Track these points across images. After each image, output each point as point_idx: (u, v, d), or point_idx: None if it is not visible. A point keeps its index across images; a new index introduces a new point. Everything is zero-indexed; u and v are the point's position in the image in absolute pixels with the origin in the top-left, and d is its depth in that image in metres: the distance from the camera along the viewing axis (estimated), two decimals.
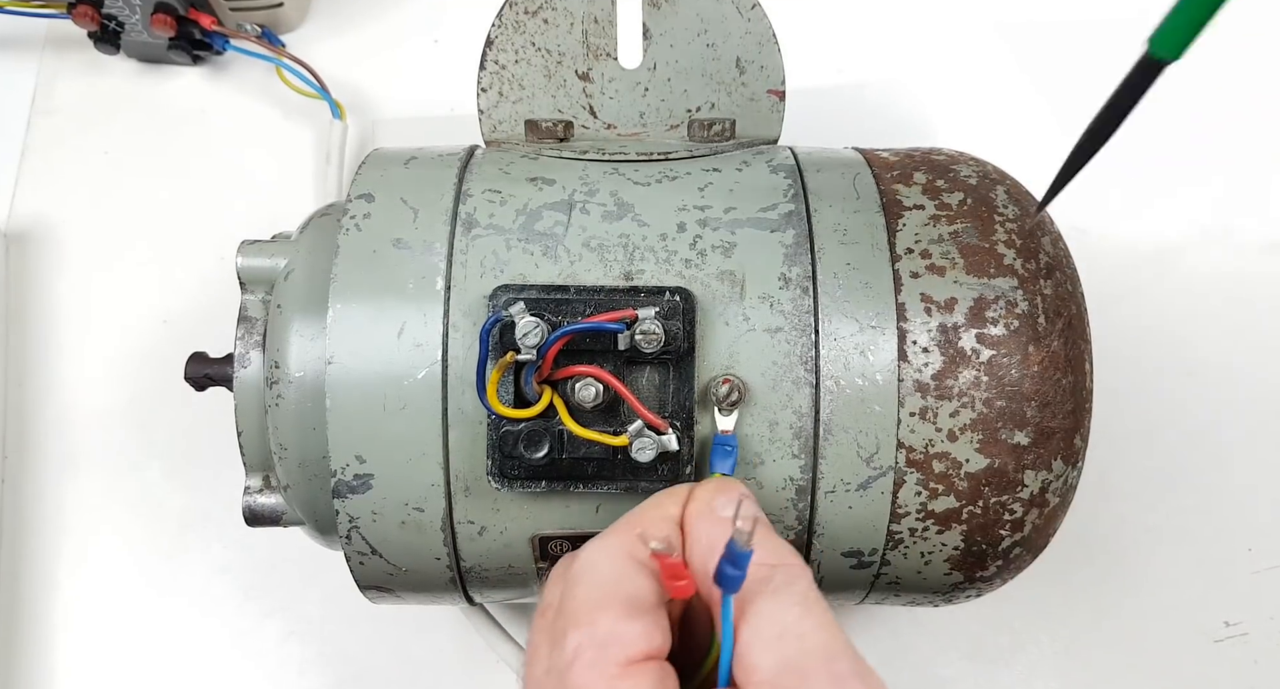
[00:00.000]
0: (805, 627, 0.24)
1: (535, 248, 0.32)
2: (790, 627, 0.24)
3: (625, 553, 0.26)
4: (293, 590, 0.48)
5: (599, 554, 0.26)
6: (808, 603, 0.24)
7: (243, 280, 0.35)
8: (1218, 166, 0.55)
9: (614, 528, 0.27)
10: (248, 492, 0.36)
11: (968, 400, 0.31)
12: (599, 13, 0.38)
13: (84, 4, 0.51)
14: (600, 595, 0.24)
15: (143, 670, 0.48)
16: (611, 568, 0.25)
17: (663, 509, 0.27)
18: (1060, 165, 0.25)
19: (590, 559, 0.26)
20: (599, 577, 0.25)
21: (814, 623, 0.24)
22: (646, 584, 0.25)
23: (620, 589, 0.25)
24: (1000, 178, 0.35)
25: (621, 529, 0.27)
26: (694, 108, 0.38)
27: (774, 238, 0.33)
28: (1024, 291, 0.32)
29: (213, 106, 0.56)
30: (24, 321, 0.52)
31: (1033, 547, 0.34)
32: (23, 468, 0.50)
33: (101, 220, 0.54)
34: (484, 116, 0.38)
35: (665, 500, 0.28)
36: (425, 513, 0.32)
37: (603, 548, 0.26)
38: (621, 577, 0.25)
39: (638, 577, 0.25)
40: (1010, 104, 0.56)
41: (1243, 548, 0.49)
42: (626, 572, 0.25)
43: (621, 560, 0.25)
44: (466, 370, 0.31)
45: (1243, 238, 0.53)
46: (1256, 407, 0.51)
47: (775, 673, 0.23)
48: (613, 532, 0.27)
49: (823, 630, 0.24)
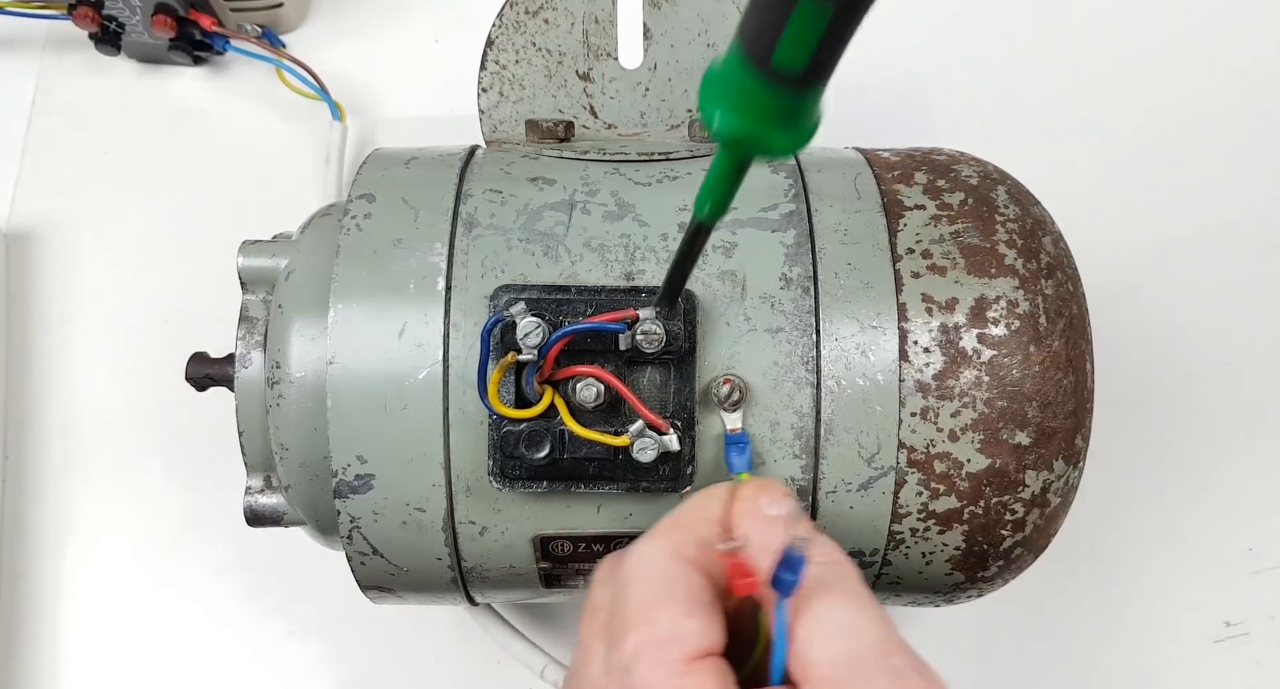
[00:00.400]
0: (860, 623, 0.24)
1: (536, 248, 0.32)
2: (845, 623, 0.24)
3: (674, 552, 0.26)
4: (293, 591, 0.48)
5: (650, 553, 0.26)
6: (860, 599, 0.25)
7: (244, 280, 0.35)
8: (1218, 166, 0.55)
9: (659, 530, 0.27)
10: (249, 492, 0.36)
11: (969, 400, 0.31)
12: (599, 13, 0.38)
13: (84, 5, 0.51)
14: (656, 593, 0.25)
15: (144, 670, 0.48)
16: (664, 566, 0.25)
17: (706, 511, 0.27)
18: None
19: (641, 558, 0.26)
20: (652, 575, 0.25)
21: (868, 618, 0.24)
22: (700, 581, 0.25)
23: (675, 586, 0.25)
24: (1001, 178, 0.35)
25: (666, 530, 0.27)
26: (694, 108, 0.38)
27: (775, 238, 0.33)
28: (1025, 292, 0.32)
29: (213, 107, 0.56)
30: (25, 322, 0.52)
31: (1034, 547, 0.34)
32: (24, 468, 0.50)
33: (102, 220, 0.54)
34: (484, 116, 0.38)
35: (707, 502, 0.28)
36: (426, 513, 0.32)
37: (652, 548, 0.26)
38: (675, 575, 0.25)
39: (691, 574, 0.25)
40: (1010, 104, 0.56)
41: (1243, 548, 0.49)
42: (679, 570, 0.25)
43: (673, 559, 0.26)
44: (467, 370, 0.31)
45: (1243, 238, 0.53)
46: (1257, 407, 0.51)
47: (834, 667, 0.23)
48: (658, 533, 0.27)
49: (877, 625, 0.24)
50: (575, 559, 0.34)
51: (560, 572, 0.34)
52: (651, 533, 0.27)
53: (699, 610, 0.24)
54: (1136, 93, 0.56)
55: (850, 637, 0.24)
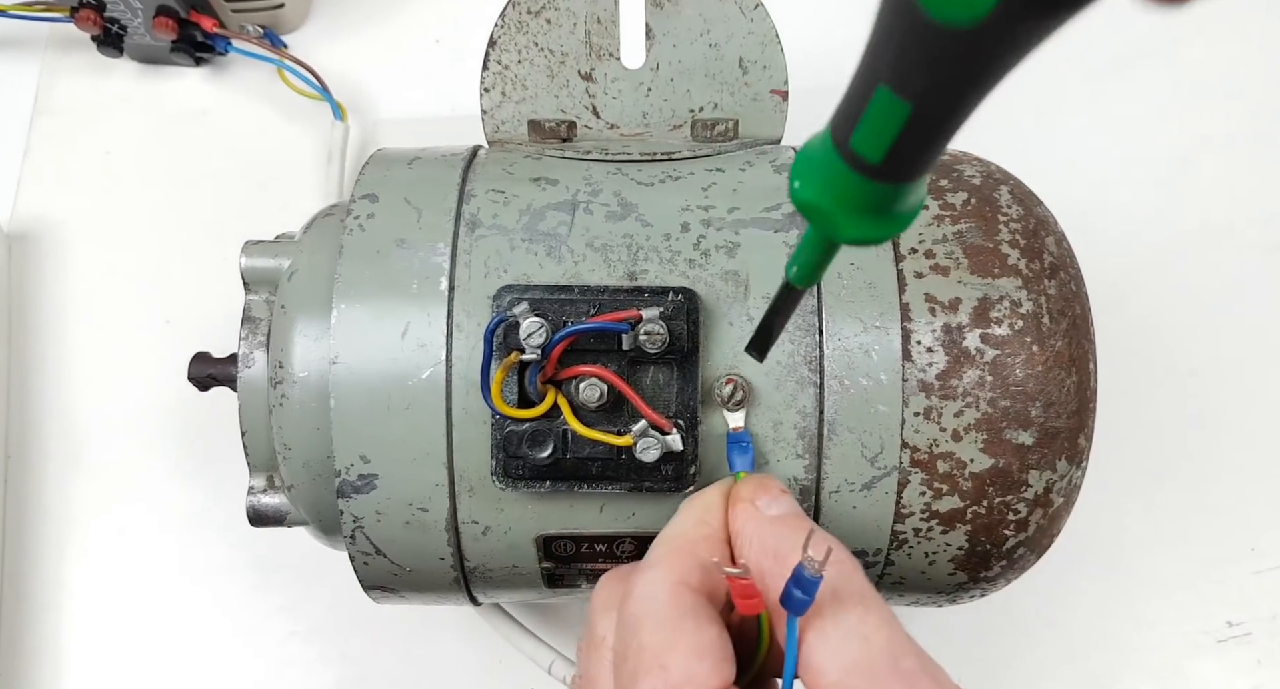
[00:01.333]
0: (868, 626, 0.24)
1: (539, 248, 0.32)
2: (854, 627, 0.23)
3: (679, 582, 0.25)
4: (296, 591, 0.48)
5: (654, 591, 0.25)
6: (867, 601, 0.24)
7: (246, 280, 0.35)
8: (1220, 166, 0.55)
9: (660, 558, 0.27)
10: (251, 492, 0.36)
11: (972, 400, 0.31)
12: (602, 13, 0.38)
13: (87, 8, 0.51)
14: (666, 636, 0.24)
15: (146, 670, 0.48)
16: (670, 602, 0.25)
17: (705, 526, 0.27)
18: None
19: (646, 597, 0.25)
20: (659, 614, 0.25)
21: (876, 621, 0.24)
22: (707, 611, 0.25)
23: (684, 625, 0.24)
24: (1004, 178, 0.35)
25: (668, 558, 0.26)
26: (697, 108, 0.38)
27: (778, 238, 0.33)
28: (1028, 291, 0.32)
29: (215, 107, 0.56)
30: (26, 322, 0.52)
31: (1036, 547, 0.34)
32: (26, 468, 0.50)
33: (104, 220, 0.54)
34: (487, 117, 0.38)
35: (704, 515, 0.27)
36: (429, 513, 0.32)
37: (655, 581, 0.26)
38: (683, 611, 0.24)
39: (698, 606, 0.25)
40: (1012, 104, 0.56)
41: (1245, 547, 0.49)
42: (687, 605, 0.25)
43: (677, 594, 0.25)
44: (470, 370, 0.31)
45: (1243, 238, 0.53)
46: (1259, 406, 0.51)
47: (844, 674, 0.23)
48: (660, 563, 0.26)
49: (886, 628, 0.24)
50: (578, 559, 0.34)
51: (563, 572, 0.34)
52: (653, 561, 0.27)
53: (710, 650, 0.24)
54: (1138, 92, 0.56)
55: (859, 642, 0.23)
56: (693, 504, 0.28)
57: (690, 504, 0.29)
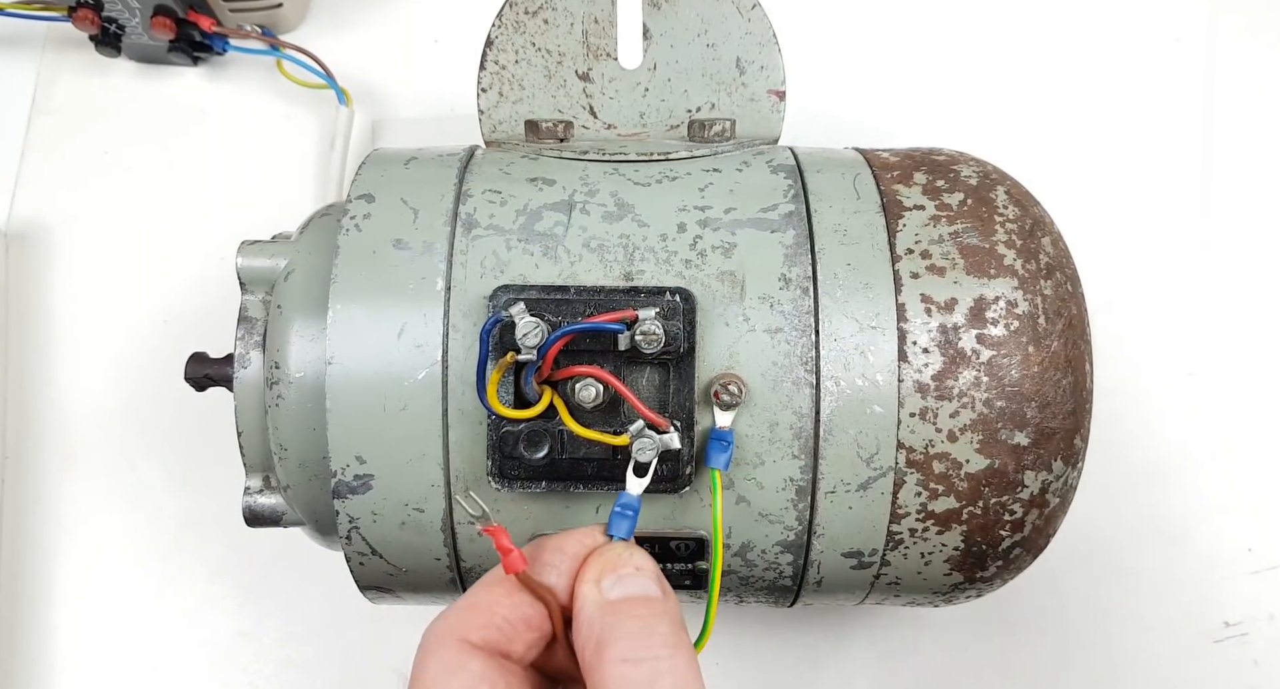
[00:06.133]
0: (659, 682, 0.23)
1: (535, 248, 0.32)
2: (642, 683, 0.23)
3: (460, 640, 0.25)
4: (292, 591, 0.48)
5: (433, 646, 0.25)
6: (668, 649, 0.24)
7: (243, 281, 0.35)
8: (1219, 166, 0.55)
9: (448, 612, 0.26)
10: (248, 492, 0.36)
11: (968, 401, 0.31)
12: (599, 13, 0.38)
13: (84, 7, 0.51)
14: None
15: (142, 670, 0.48)
16: (445, 664, 0.25)
17: (506, 594, 0.26)
18: None
19: (425, 655, 0.25)
20: (433, 677, 0.25)
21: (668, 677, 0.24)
22: (483, 668, 0.25)
23: None
24: (1001, 178, 0.35)
25: (457, 613, 0.26)
26: (694, 108, 0.38)
27: (774, 238, 0.33)
28: (1024, 292, 0.32)
29: (213, 106, 0.56)
30: (24, 321, 0.52)
31: (1032, 547, 0.34)
32: (22, 468, 0.50)
33: (102, 220, 0.54)
34: (484, 117, 0.38)
35: (502, 587, 0.27)
36: (425, 513, 0.32)
37: (434, 641, 0.25)
38: (455, 670, 0.25)
39: (473, 664, 0.25)
40: (1010, 104, 0.56)
41: (1242, 548, 0.49)
42: (460, 664, 0.25)
43: (455, 651, 0.25)
44: (466, 371, 0.31)
45: (1243, 238, 0.53)
46: (1256, 407, 0.51)
47: None
48: (446, 615, 0.26)
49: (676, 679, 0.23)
50: None
51: None
52: (443, 613, 0.26)
53: None
54: (1137, 92, 0.56)
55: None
56: (484, 587, 0.27)
57: (485, 587, 0.27)
